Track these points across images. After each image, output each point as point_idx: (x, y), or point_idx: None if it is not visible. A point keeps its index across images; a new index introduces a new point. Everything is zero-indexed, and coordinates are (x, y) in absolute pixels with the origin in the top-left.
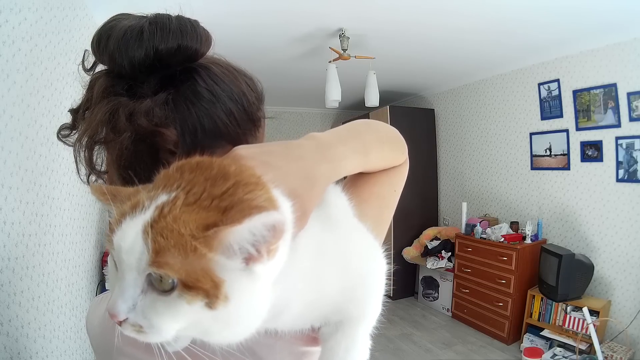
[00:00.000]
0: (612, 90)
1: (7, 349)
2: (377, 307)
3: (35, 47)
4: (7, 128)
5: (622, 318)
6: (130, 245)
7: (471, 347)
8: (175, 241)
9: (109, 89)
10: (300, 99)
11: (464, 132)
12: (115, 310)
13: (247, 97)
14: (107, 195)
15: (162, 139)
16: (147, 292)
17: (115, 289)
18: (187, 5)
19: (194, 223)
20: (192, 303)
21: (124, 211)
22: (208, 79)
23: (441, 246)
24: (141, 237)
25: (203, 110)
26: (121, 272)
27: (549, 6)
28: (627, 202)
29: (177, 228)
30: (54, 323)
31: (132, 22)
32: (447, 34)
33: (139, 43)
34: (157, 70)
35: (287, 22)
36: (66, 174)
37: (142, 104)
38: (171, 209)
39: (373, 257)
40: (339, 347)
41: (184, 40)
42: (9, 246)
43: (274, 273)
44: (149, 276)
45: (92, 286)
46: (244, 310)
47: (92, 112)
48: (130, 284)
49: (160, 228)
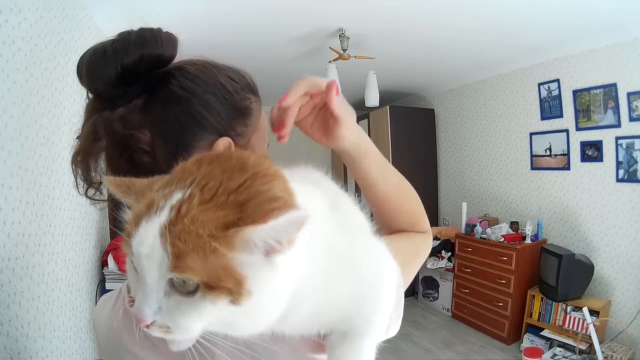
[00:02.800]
0: (612, 90)
1: (7, 349)
2: (384, 320)
3: (35, 47)
4: (7, 128)
5: (622, 318)
6: (150, 250)
7: (471, 347)
8: (195, 244)
9: (92, 109)
10: None
11: (464, 132)
12: (142, 315)
13: (226, 87)
14: (122, 187)
15: (134, 140)
16: (171, 295)
17: (139, 293)
18: (188, 6)
19: (213, 223)
20: (216, 302)
21: (140, 213)
22: (182, 78)
23: (441, 246)
24: (159, 241)
25: (179, 108)
26: (142, 277)
27: (549, 6)
28: (627, 202)
29: (195, 230)
30: (54, 323)
31: (96, 46)
32: (447, 34)
33: (104, 62)
34: (132, 82)
35: (287, 22)
36: (66, 174)
37: (116, 112)
38: (188, 209)
39: (385, 270)
40: (346, 358)
41: (145, 49)
42: (9, 246)
43: (293, 261)
44: (171, 279)
45: (92, 286)
46: (267, 301)
47: (81, 132)
48: (153, 288)
49: (178, 231)
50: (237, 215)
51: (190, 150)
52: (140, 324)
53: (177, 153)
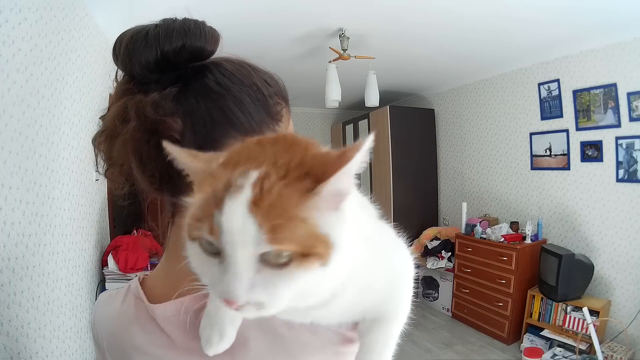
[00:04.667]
0: (612, 90)
1: (7, 349)
2: (408, 307)
3: (35, 47)
4: (7, 128)
5: (622, 318)
6: (241, 226)
7: (471, 347)
8: (286, 216)
9: (123, 90)
10: (300, 99)
11: (464, 132)
12: (235, 296)
13: (261, 90)
14: (187, 153)
15: (165, 126)
16: (261, 270)
17: (226, 275)
18: (188, 5)
19: (296, 194)
20: (309, 269)
21: (218, 193)
22: (218, 73)
23: (441, 246)
24: (250, 216)
25: (212, 102)
26: (231, 256)
27: (549, 6)
28: (627, 202)
29: (283, 203)
30: (54, 323)
31: (139, 28)
32: (447, 34)
33: (145, 45)
34: (169, 70)
35: (287, 22)
36: (66, 174)
37: (149, 97)
38: (271, 185)
39: (407, 259)
40: (377, 343)
41: (188, 40)
42: (9, 246)
43: (348, 209)
44: (263, 254)
45: (92, 286)
46: (345, 253)
47: (109, 111)
48: (244, 266)
49: (267, 206)
50: (313, 181)
51: (217, 146)
52: (230, 306)
53: (204, 147)
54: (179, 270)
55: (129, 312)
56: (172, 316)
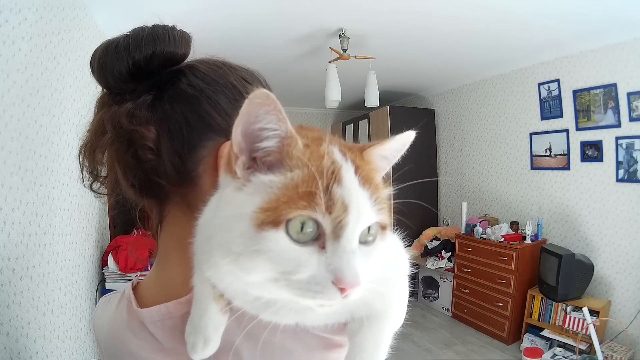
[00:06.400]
0: (612, 90)
1: (7, 349)
2: (402, 306)
3: (35, 47)
4: (7, 128)
5: (622, 318)
6: (361, 198)
7: (471, 347)
8: (380, 187)
9: (102, 103)
10: (300, 99)
11: (464, 132)
12: (358, 278)
13: (238, 88)
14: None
15: (139, 136)
16: (360, 249)
17: (342, 257)
18: (188, 6)
19: (373, 169)
20: (384, 239)
21: (333, 166)
22: (192, 76)
23: (441, 246)
24: (365, 189)
25: (187, 106)
26: (348, 233)
27: (549, 6)
28: (627, 202)
29: (372, 177)
30: (54, 323)
31: (109, 41)
32: (447, 34)
33: (116, 57)
34: (144, 79)
35: (287, 23)
36: (66, 174)
37: (124, 107)
38: (359, 164)
39: (401, 255)
40: (368, 343)
41: (158, 46)
42: (9, 246)
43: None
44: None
45: (92, 286)
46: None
47: (88, 126)
48: (356, 244)
49: (368, 178)
50: (372, 161)
51: (196, 150)
52: (351, 289)
53: (182, 152)
54: (168, 274)
55: (122, 317)
56: (159, 320)
